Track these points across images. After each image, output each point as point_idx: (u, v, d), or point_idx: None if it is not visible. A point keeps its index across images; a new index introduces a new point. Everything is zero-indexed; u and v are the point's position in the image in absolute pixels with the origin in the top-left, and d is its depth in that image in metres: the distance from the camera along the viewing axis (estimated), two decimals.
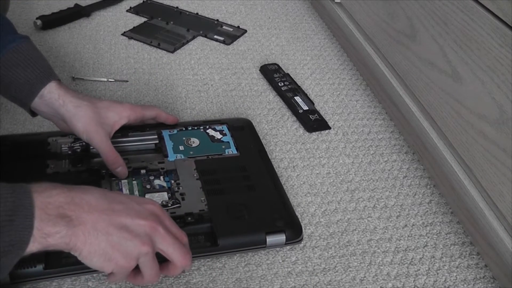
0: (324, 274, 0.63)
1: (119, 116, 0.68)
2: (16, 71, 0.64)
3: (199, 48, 1.04)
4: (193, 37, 1.06)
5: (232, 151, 0.75)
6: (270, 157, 0.76)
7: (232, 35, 1.08)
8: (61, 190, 0.49)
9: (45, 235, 0.47)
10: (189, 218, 0.63)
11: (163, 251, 0.53)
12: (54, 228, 0.47)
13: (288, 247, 0.65)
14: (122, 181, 0.67)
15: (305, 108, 0.88)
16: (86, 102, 0.66)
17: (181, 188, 0.67)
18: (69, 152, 0.70)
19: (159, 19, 1.11)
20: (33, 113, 0.69)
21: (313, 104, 0.90)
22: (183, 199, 0.66)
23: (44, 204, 0.47)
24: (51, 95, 0.65)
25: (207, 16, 1.14)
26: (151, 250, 0.51)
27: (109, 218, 0.50)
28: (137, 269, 0.53)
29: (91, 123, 0.65)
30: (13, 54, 0.65)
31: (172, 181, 0.68)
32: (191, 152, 0.73)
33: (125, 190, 0.66)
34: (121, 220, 0.50)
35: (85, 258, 0.49)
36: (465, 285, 0.64)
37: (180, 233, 0.55)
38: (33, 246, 0.46)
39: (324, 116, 0.88)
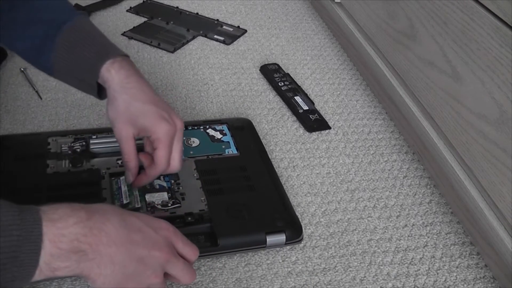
0: (324, 274, 0.63)
1: (137, 131, 0.62)
2: (73, 57, 0.62)
3: (199, 48, 1.03)
4: (193, 37, 1.06)
5: (232, 151, 0.75)
6: (270, 157, 0.76)
7: (232, 35, 1.08)
8: (78, 218, 0.46)
9: (53, 269, 0.44)
10: (189, 218, 0.63)
11: (172, 274, 0.53)
12: (63, 263, 0.44)
13: (288, 247, 0.65)
14: (121, 180, 0.67)
15: (305, 108, 0.88)
16: (126, 95, 0.61)
17: (181, 188, 0.67)
18: (69, 152, 0.70)
19: (159, 19, 1.11)
20: (101, 96, 0.65)
21: (313, 104, 0.90)
22: (183, 199, 0.66)
23: (57, 237, 0.44)
24: (105, 77, 0.62)
25: (207, 16, 1.14)
26: (161, 280, 0.51)
27: (127, 252, 0.48)
28: None
29: (118, 117, 0.62)
30: (64, 42, 0.61)
31: (172, 181, 0.68)
32: (191, 152, 0.73)
33: (123, 187, 0.66)
34: (138, 253, 0.49)
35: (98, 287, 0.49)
36: (465, 285, 0.64)
37: (190, 251, 0.54)
38: (38, 277, 0.44)
39: (324, 116, 0.88)
